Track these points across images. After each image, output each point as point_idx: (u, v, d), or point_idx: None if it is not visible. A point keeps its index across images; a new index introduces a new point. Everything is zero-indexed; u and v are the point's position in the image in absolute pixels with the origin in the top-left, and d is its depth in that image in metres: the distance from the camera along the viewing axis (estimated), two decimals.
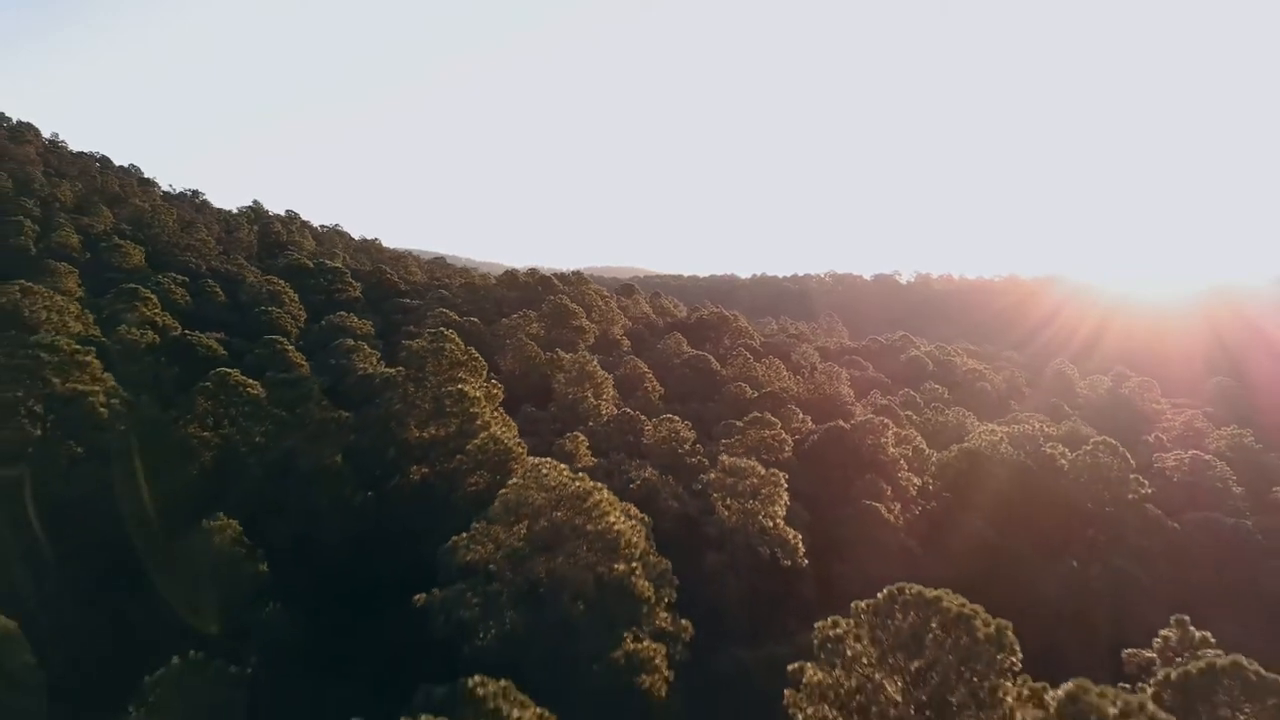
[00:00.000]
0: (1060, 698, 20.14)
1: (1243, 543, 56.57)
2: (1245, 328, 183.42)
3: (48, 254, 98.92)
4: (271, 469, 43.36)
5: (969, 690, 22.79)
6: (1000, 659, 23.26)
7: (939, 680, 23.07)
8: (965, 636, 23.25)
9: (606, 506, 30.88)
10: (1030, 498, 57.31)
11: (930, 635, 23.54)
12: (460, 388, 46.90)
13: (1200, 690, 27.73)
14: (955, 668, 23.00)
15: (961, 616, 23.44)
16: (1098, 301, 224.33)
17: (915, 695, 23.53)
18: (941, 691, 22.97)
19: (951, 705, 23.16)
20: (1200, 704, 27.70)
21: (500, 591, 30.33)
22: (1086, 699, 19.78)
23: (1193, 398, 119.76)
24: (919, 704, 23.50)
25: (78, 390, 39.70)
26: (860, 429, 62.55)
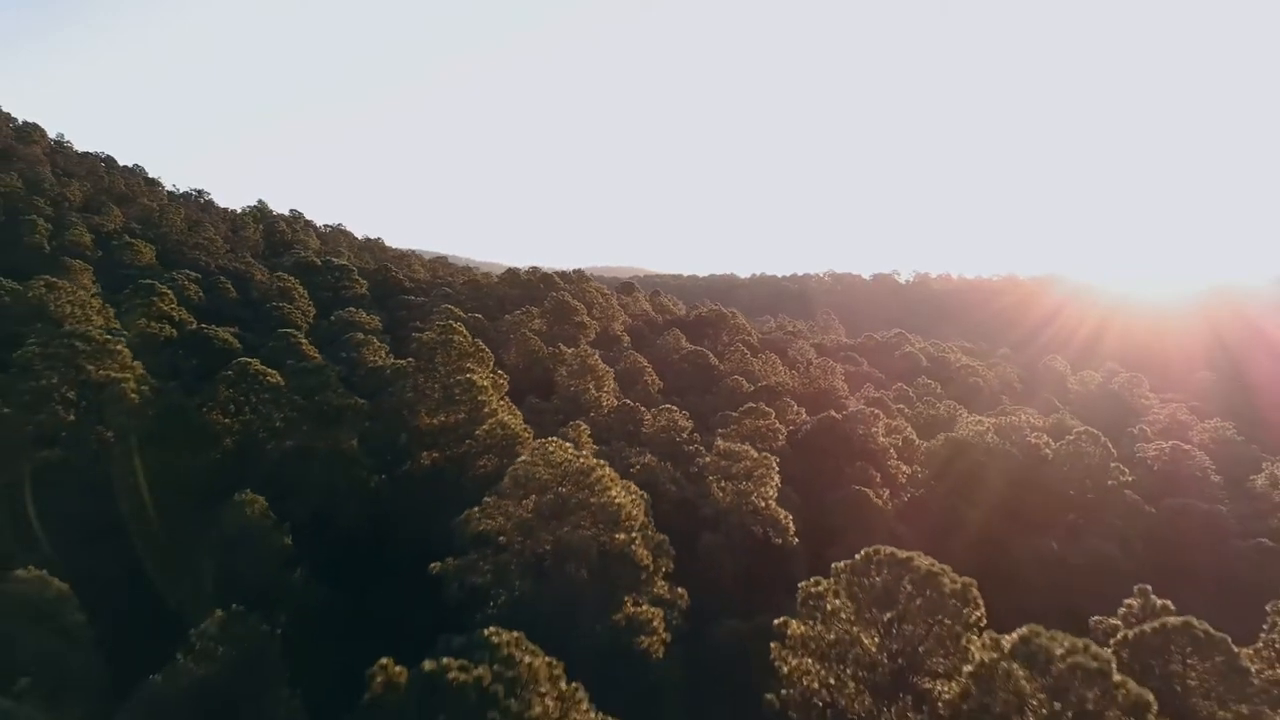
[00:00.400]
0: (1014, 640, 22.53)
1: (1217, 527, 58.99)
2: (1245, 328, 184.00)
3: (61, 251, 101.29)
4: (291, 453, 45.79)
5: (935, 638, 25.27)
6: (965, 613, 25.73)
7: (909, 630, 25.54)
8: (934, 592, 25.71)
9: (608, 482, 33.31)
10: (1014, 484, 59.71)
11: (902, 591, 26.01)
12: (469, 377, 49.30)
13: (1154, 647, 30.20)
14: (924, 619, 25.48)
15: (930, 574, 25.90)
16: (1097, 301, 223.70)
17: (888, 645, 25.99)
18: (911, 640, 25.44)
19: (920, 652, 25.66)
20: (1154, 659, 30.15)
21: (510, 560, 32.75)
22: (1037, 641, 22.18)
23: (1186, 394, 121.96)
24: (891, 653, 25.98)
25: (110, 377, 42.13)
26: (852, 419, 65.00)
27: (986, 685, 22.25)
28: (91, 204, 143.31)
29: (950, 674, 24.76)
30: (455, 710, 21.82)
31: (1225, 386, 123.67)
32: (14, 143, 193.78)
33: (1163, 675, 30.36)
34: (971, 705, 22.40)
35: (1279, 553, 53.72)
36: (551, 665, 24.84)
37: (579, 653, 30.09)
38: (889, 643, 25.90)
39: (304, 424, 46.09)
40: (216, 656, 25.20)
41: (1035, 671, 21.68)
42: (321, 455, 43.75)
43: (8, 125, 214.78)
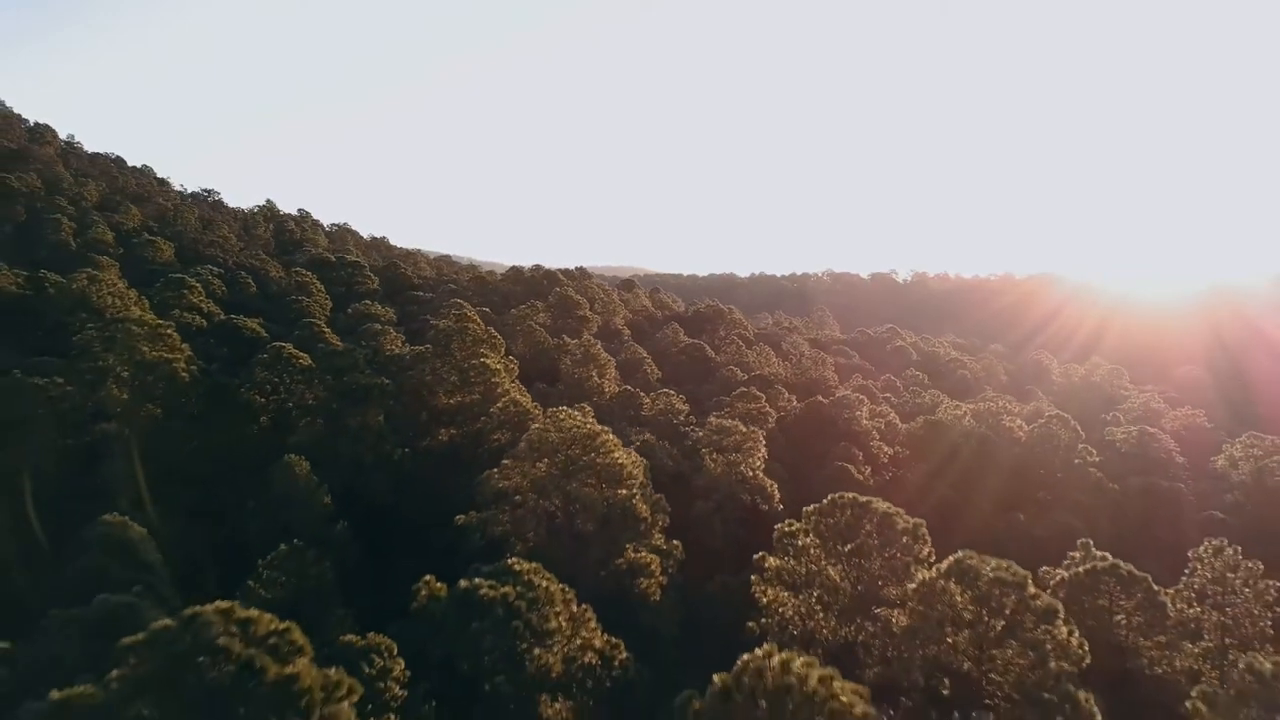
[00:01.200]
0: (949, 563, 27.10)
1: (1176, 503, 63.48)
2: (1245, 327, 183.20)
3: (86, 248, 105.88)
4: (322, 428, 50.39)
5: (889, 567, 29.88)
6: (916, 548, 30.39)
7: (867, 563, 30.13)
8: (888, 529, 30.34)
9: (612, 445, 37.90)
10: (987, 463, 64.26)
11: (862, 529, 30.62)
12: (483, 361, 53.90)
13: (1086, 585, 34.84)
14: (880, 552, 30.11)
15: (886, 515, 30.55)
16: (1096, 301, 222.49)
17: (850, 575, 30.60)
18: (869, 570, 30.04)
19: (876, 581, 30.25)
20: (1085, 596, 34.76)
21: (525, 514, 37.33)
22: (968, 562, 26.75)
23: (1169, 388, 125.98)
24: (852, 581, 30.59)
25: (163, 357, 46.69)
26: (837, 404, 69.55)
27: (927, 600, 26.84)
28: (107, 203, 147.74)
29: (902, 602, 29.33)
30: (486, 619, 26.39)
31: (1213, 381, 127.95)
32: (28, 144, 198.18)
33: (1092, 610, 35.01)
34: (915, 617, 26.98)
35: (1228, 524, 58.21)
36: (564, 590, 29.47)
37: (586, 595, 34.65)
38: (850, 572, 30.50)
39: (334, 402, 50.65)
40: (280, 584, 29.76)
41: (966, 586, 26.25)
42: (352, 431, 48.30)
43: (20, 126, 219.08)
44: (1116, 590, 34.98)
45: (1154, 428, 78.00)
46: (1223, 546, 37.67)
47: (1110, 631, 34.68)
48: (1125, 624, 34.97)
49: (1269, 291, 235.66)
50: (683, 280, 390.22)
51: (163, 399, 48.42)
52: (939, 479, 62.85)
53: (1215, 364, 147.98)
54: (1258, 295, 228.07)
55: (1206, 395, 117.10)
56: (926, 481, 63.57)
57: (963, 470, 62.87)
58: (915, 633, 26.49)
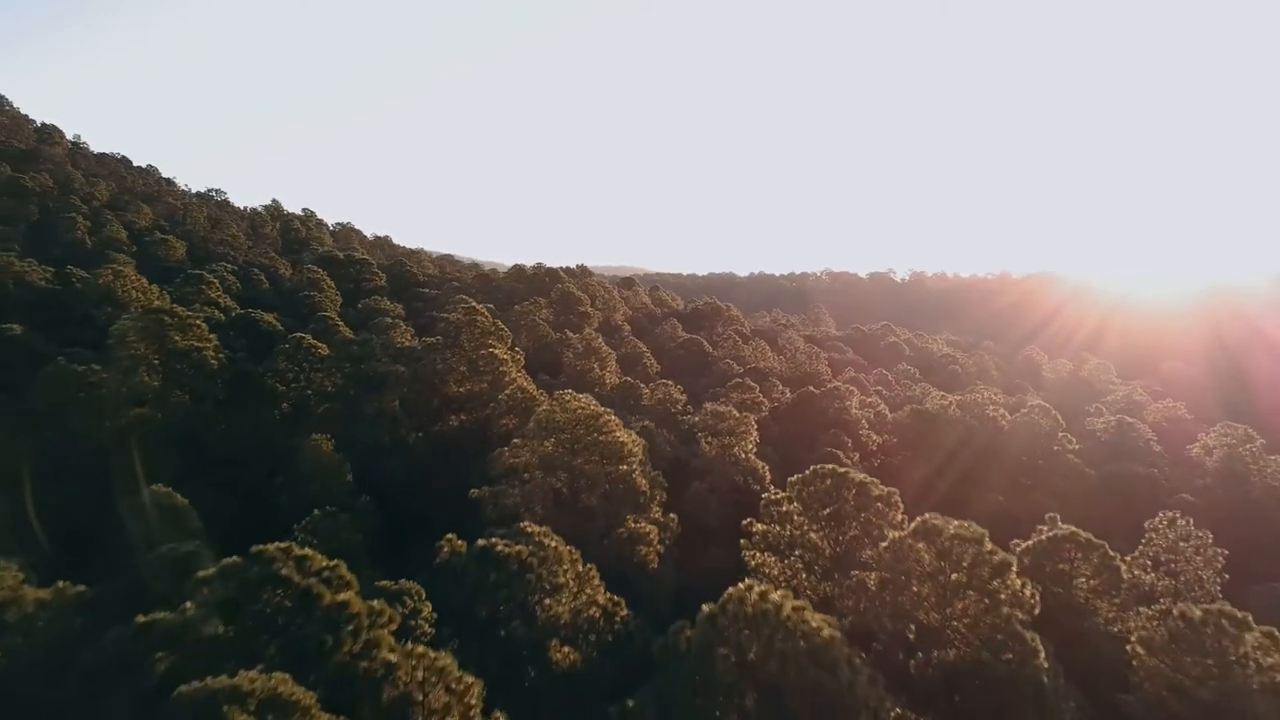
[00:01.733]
0: (916, 524, 30.26)
1: (1150, 487, 66.60)
2: (1244, 327, 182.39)
3: (101, 246, 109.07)
4: (339, 414, 53.54)
5: (864, 530, 33.03)
6: (889, 514, 33.55)
7: (843, 523, 33.29)
8: (864, 496, 33.50)
9: (614, 425, 41.07)
10: (970, 449, 67.41)
11: (841, 496, 33.78)
12: (492, 351, 57.03)
13: (1046, 552, 37.99)
14: (855, 516, 33.25)
15: (862, 483, 33.75)
16: (1094, 300, 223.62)
17: (828, 537, 33.76)
18: (844, 530, 33.20)
19: (852, 543, 33.40)
20: (1046, 561, 37.90)
21: (534, 488, 40.48)
22: (932, 522, 29.93)
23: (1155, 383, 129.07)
24: (832, 543, 33.75)
25: (194, 345, 49.84)
26: (828, 394, 72.73)
27: (896, 556, 30.01)
28: (116, 202, 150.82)
29: (876, 562, 32.46)
30: (502, 572, 29.57)
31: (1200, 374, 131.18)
32: (37, 144, 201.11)
33: (1053, 574, 38.15)
34: (884, 570, 30.16)
35: (1196, 506, 61.30)
36: (571, 551, 32.64)
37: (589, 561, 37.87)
38: (830, 535, 33.67)
39: (351, 389, 53.81)
40: (314, 546, 32.86)
41: (930, 543, 29.43)
42: (369, 416, 51.46)
43: (29, 127, 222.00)
44: (1076, 556, 38.11)
45: (1133, 419, 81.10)
46: (1176, 518, 40.91)
47: (1070, 594, 37.83)
48: (1084, 586, 38.12)
49: (1268, 291, 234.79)
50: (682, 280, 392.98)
51: (192, 385, 51.57)
52: (924, 464, 66.03)
53: (1215, 363, 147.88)
54: (1257, 295, 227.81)
55: (1191, 388, 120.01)
56: (912, 467, 66.72)
57: (947, 456, 65.99)
58: (885, 584, 29.65)
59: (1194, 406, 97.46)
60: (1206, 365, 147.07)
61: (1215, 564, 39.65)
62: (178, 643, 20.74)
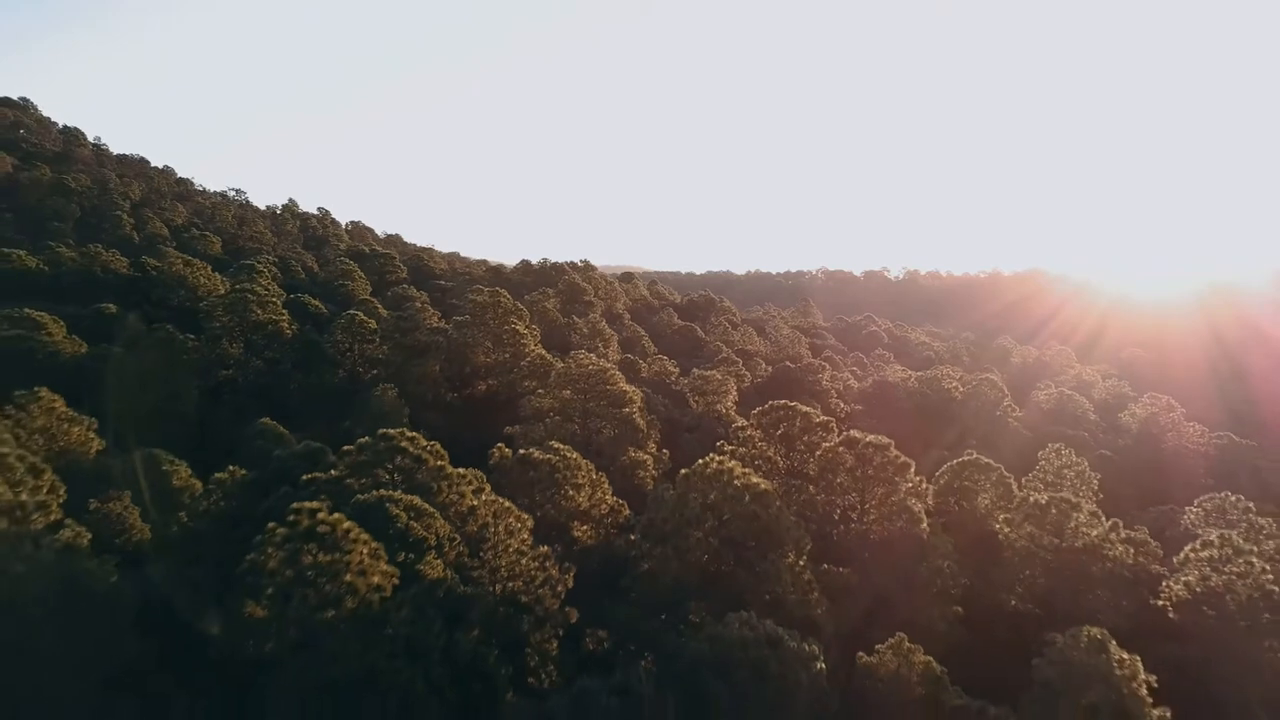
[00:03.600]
0: (843, 437, 40.90)
1: (1075, 445, 77.13)
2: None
3: (146, 241, 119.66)
4: (387, 377, 64.16)
5: (808, 448, 43.71)
6: (827, 435, 44.20)
7: (792, 443, 43.96)
8: (808, 423, 44.19)
9: (618, 378, 51.73)
10: (924, 415, 78.16)
11: (791, 424, 44.48)
12: (514, 326, 67.72)
13: (956, 472, 48.61)
14: (800, 435, 43.93)
15: (806, 414, 44.49)
16: (1083, 295, 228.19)
17: (780, 453, 44.43)
18: (792, 446, 43.86)
19: (798, 455, 44.07)
20: (955, 480, 48.50)
21: (555, 426, 51.16)
22: (853, 435, 40.61)
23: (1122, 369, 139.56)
24: (782, 457, 44.41)
25: (272, 319, 60.50)
26: (804, 368, 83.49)
27: (829, 461, 40.70)
28: (147, 201, 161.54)
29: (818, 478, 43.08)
30: (539, 471, 40.17)
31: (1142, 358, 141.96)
32: (65, 147, 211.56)
33: (961, 489, 48.77)
34: (816, 468, 40.87)
35: (1112, 459, 72.10)
36: (587, 462, 43.31)
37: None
38: (781, 451, 44.33)
39: (397, 356, 64.49)
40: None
41: (851, 451, 40.14)
42: (414, 377, 62.14)
43: (54, 129, 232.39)
44: (978, 476, 48.81)
45: (1075, 393, 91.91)
46: (1061, 449, 51.58)
47: (973, 505, 48.42)
48: (984, 501, 48.72)
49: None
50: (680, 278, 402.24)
51: (268, 352, 62.25)
52: (882, 427, 75.71)
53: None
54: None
55: (1148, 373, 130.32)
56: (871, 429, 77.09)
57: (902, 419, 76.58)
58: (819, 479, 40.39)
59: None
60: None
61: (1091, 485, 50.38)
62: (330, 494, 31.36)
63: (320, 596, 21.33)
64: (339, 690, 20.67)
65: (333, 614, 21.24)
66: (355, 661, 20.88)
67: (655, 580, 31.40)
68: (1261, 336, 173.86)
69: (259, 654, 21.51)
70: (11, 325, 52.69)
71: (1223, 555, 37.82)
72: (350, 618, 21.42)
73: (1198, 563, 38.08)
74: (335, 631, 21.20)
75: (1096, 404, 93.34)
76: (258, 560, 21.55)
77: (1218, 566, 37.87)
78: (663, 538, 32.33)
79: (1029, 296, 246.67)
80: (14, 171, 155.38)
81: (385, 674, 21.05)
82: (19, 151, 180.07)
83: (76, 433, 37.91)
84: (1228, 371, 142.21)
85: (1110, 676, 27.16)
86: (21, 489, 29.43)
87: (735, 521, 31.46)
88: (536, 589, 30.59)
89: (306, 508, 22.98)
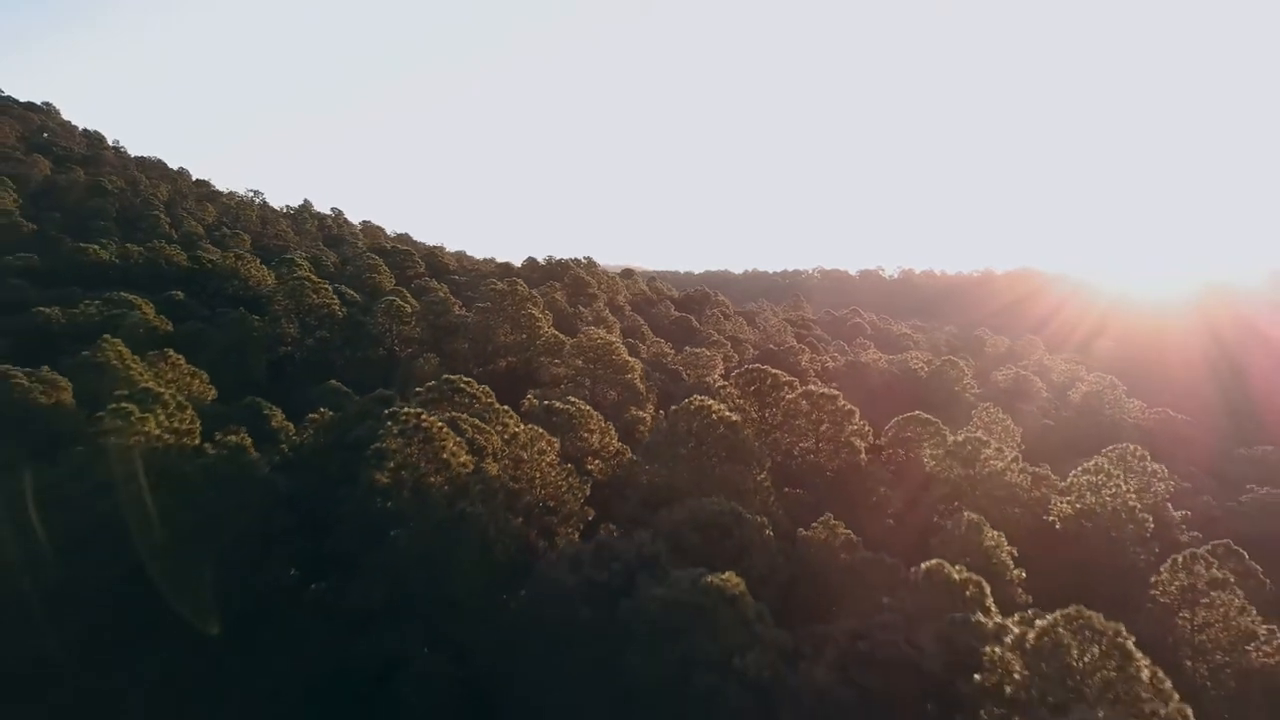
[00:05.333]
0: (800, 390, 51.19)
1: (1022, 416, 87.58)
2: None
3: (185, 239, 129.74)
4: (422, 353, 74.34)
5: (774, 399, 53.97)
6: (789, 393, 54.49)
7: (763, 397, 54.22)
8: (776, 381, 54.46)
9: (622, 350, 62.01)
10: (891, 391, 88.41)
11: (763, 382, 54.76)
12: (530, 311, 77.98)
13: (901, 426, 58.79)
14: (770, 391, 54.22)
15: (775, 375, 54.76)
16: (1072, 291, 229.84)
17: (755, 408, 54.68)
18: (764, 401, 54.12)
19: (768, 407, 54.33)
20: (899, 432, 58.74)
21: (569, 390, 61.42)
22: (811, 388, 50.93)
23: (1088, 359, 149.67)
24: (759, 410, 54.66)
25: (324, 302, 70.74)
26: (786, 351, 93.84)
27: (789, 410, 50.94)
28: (174, 201, 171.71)
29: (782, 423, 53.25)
30: (560, 417, 50.44)
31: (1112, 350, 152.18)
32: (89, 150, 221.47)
33: (904, 440, 58.95)
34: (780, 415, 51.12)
35: (1052, 427, 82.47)
36: (597, 414, 53.61)
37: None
38: (755, 405, 54.58)
39: (431, 335, 74.74)
40: None
41: (808, 400, 50.40)
42: (446, 352, 72.38)
43: (77, 132, 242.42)
44: (919, 429, 59.02)
45: (1026, 372, 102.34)
46: (989, 408, 61.85)
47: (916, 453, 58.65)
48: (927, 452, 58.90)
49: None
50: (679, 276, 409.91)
51: (319, 331, 72.47)
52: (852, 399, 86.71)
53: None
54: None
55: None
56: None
57: (870, 394, 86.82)
58: (781, 425, 50.69)
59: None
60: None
61: (1014, 437, 60.75)
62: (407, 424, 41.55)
63: (424, 468, 31.52)
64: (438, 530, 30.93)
65: (433, 479, 31.40)
66: (447, 509, 31.09)
67: (653, 486, 41.68)
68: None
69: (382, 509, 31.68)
70: (112, 306, 62.92)
71: (1098, 481, 48.19)
72: (445, 482, 31.60)
73: (1078, 487, 48.46)
74: (434, 491, 31.44)
75: (1053, 385, 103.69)
76: (381, 444, 31.77)
77: (1094, 488, 48.24)
78: (657, 455, 42.60)
79: (1024, 298, 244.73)
80: (52, 174, 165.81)
81: (470, 518, 31.27)
82: (51, 155, 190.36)
83: (197, 384, 48.11)
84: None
85: (982, 547, 37.46)
86: (175, 418, 39.74)
87: (711, 442, 41.75)
88: (563, 494, 40.88)
89: (410, 411, 33.23)
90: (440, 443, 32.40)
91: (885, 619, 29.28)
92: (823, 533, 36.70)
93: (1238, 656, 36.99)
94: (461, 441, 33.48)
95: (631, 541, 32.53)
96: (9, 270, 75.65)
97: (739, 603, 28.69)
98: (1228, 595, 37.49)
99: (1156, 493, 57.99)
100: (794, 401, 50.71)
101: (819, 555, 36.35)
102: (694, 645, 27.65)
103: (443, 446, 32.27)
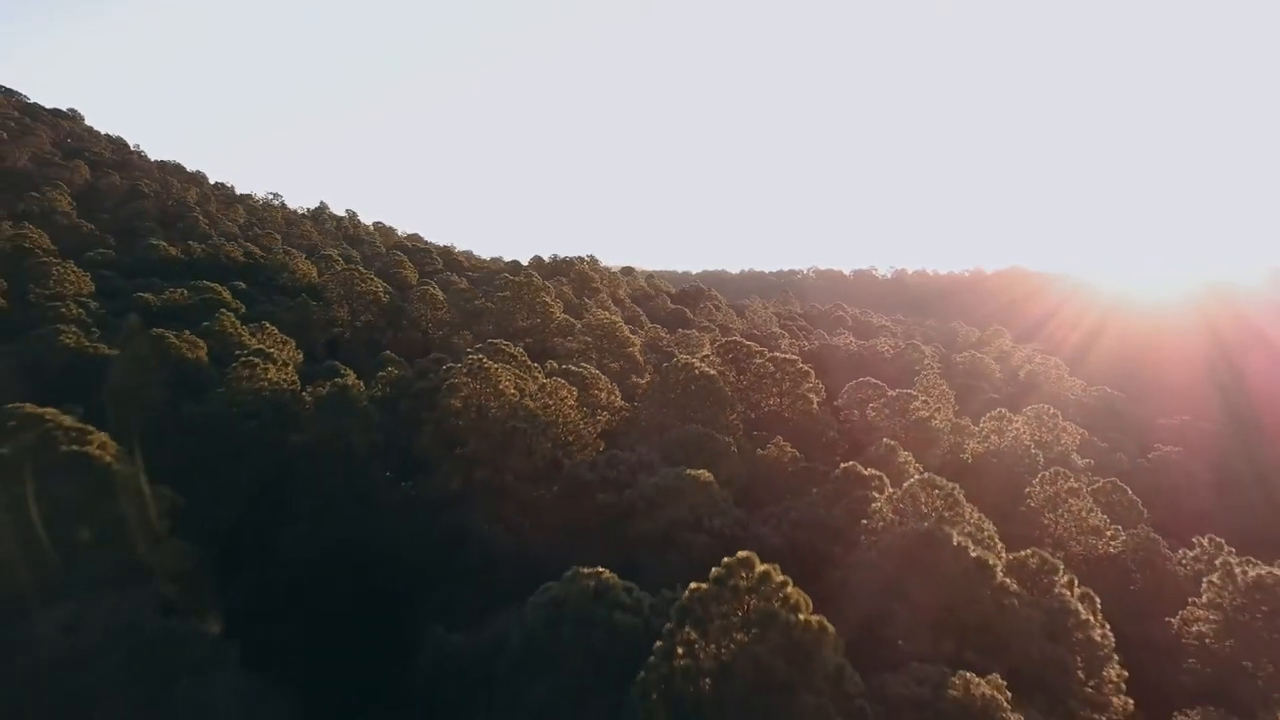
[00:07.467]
0: (770, 356, 63.74)
1: (978, 395, 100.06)
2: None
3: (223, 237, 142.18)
4: (454, 334, 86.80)
5: (746, 364, 66.55)
6: (758, 360, 67.09)
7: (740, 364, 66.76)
8: (749, 351, 66.99)
9: (624, 329, 74.53)
10: (857, 370, 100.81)
11: (740, 354, 67.30)
12: (544, 299, 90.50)
13: (855, 390, 71.35)
14: (746, 360, 66.78)
15: (748, 346, 67.33)
16: (1062, 289, 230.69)
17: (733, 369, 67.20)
18: (741, 369, 66.62)
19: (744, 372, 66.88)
20: (854, 396, 71.20)
21: (580, 360, 73.89)
22: (777, 355, 63.54)
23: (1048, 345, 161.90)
24: (735, 373, 67.20)
25: (370, 290, 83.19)
26: (766, 337, 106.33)
27: (758, 372, 63.47)
28: (200, 203, 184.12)
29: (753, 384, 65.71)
30: (574, 379, 62.92)
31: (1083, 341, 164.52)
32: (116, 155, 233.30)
33: (856, 401, 71.42)
34: (751, 376, 63.68)
35: (999, 399, 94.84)
36: (604, 378, 66.12)
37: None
38: (733, 369, 67.03)
39: (458, 319, 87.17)
40: None
41: (774, 364, 62.96)
42: (474, 334, 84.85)
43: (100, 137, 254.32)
44: (870, 391, 71.42)
45: (986, 359, 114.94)
46: (929, 375, 74.28)
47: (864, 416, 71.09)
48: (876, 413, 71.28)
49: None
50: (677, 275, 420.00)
51: (364, 316, 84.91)
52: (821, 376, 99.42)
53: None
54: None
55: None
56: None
57: (839, 373, 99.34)
58: (753, 385, 63.20)
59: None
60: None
61: (949, 398, 73.21)
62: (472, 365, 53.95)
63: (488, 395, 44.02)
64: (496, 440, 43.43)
65: (492, 404, 43.85)
66: (501, 425, 43.64)
67: (649, 424, 54.17)
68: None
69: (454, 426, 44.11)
70: (198, 292, 75.39)
71: (1001, 425, 60.73)
72: (499, 407, 44.09)
73: (986, 430, 61.01)
74: (492, 412, 43.95)
75: (1009, 368, 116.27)
76: (453, 380, 44.24)
77: (999, 432, 60.78)
78: (651, 402, 55.11)
79: (1022, 298, 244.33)
80: (91, 179, 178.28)
81: (518, 432, 43.75)
82: (85, 159, 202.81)
83: (288, 350, 60.56)
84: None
85: (895, 463, 49.89)
86: (283, 372, 52.17)
87: (694, 391, 54.26)
88: (581, 429, 53.34)
89: (475, 357, 45.71)
90: (496, 379, 44.80)
91: (810, 498, 41.85)
92: (774, 451, 49.20)
93: (1089, 545, 49.40)
94: (510, 380, 45.93)
95: (634, 453, 45.01)
96: (94, 263, 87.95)
97: (709, 487, 41.20)
98: (1080, 501, 49.94)
99: (1065, 445, 70.74)
100: (762, 365, 63.20)
101: (771, 466, 48.84)
102: (677, 513, 40.13)
103: (498, 380, 44.65)
